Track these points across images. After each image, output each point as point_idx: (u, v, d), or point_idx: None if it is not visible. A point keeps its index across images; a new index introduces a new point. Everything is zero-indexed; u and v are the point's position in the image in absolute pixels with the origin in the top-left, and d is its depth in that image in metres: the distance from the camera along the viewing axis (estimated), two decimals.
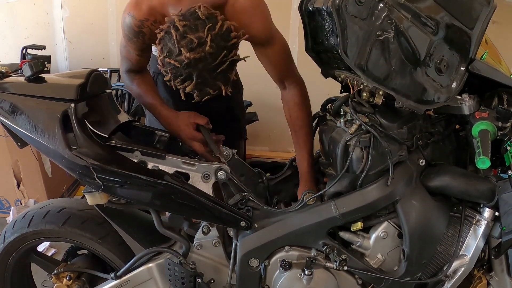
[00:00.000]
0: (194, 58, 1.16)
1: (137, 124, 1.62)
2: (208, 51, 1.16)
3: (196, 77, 1.19)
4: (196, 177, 1.43)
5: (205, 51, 1.16)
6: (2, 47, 3.67)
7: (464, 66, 1.24)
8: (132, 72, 1.56)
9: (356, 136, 1.32)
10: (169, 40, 1.18)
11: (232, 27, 1.22)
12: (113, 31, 3.57)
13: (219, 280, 1.48)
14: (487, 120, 1.23)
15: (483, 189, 1.29)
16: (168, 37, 1.19)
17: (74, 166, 1.30)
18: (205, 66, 1.18)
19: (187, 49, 1.15)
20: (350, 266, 1.37)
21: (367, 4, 1.14)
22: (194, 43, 1.15)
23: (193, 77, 1.19)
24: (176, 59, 1.17)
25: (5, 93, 1.36)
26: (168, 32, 1.19)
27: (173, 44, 1.17)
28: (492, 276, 1.45)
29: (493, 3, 1.22)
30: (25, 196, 2.86)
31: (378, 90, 1.22)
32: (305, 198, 1.39)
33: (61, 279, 1.57)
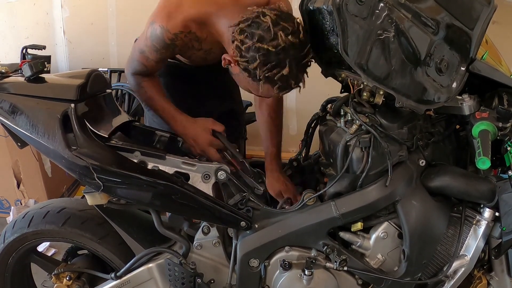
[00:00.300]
0: (290, 43, 1.19)
1: (137, 124, 1.62)
2: (301, 39, 1.21)
3: (289, 63, 1.20)
4: (196, 177, 1.43)
5: (299, 38, 1.20)
6: (2, 47, 3.67)
7: (465, 66, 1.24)
8: (140, 75, 1.54)
9: (356, 136, 1.32)
10: (259, 27, 1.20)
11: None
12: (113, 31, 3.57)
13: (219, 280, 1.48)
14: (487, 121, 1.23)
15: (483, 190, 1.29)
16: (256, 25, 1.20)
17: (74, 166, 1.30)
18: (296, 53, 1.21)
19: (284, 33, 1.18)
20: (350, 266, 1.37)
21: (367, 3, 1.14)
22: (289, 30, 1.19)
23: (285, 64, 1.20)
24: (270, 43, 1.18)
25: (5, 93, 1.36)
26: (255, 21, 1.21)
27: (265, 30, 1.19)
28: (492, 276, 1.45)
29: (494, 4, 1.22)
30: (25, 196, 2.86)
31: (378, 90, 1.22)
32: (305, 199, 1.38)
33: (61, 279, 1.57)
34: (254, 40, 1.19)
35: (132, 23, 3.40)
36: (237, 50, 1.24)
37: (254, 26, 1.21)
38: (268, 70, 1.21)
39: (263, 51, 1.19)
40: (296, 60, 1.22)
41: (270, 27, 1.18)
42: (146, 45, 1.44)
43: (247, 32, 1.21)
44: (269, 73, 1.22)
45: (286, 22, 1.20)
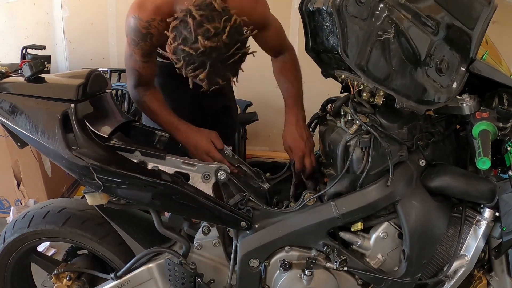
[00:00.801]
0: (210, 47, 1.18)
1: (137, 124, 1.63)
2: (224, 41, 1.19)
3: (209, 65, 1.21)
4: (196, 178, 1.43)
5: (221, 41, 1.18)
6: (2, 47, 3.67)
7: (465, 66, 1.24)
8: (141, 87, 1.54)
9: (356, 137, 1.32)
10: (185, 28, 1.20)
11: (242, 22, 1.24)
12: (113, 31, 3.57)
13: (219, 281, 1.48)
14: (487, 121, 1.23)
15: (483, 190, 1.29)
16: (183, 25, 1.20)
17: (74, 166, 1.30)
18: (218, 56, 1.20)
19: (204, 37, 1.17)
20: (350, 266, 1.37)
21: (367, 4, 1.14)
22: (211, 32, 1.17)
23: (206, 66, 1.21)
24: (192, 46, 1.19)
25: (5, 93, 1.36)
26: (183, 21, 1.20)
27: (189, 32, 1.19)
28: (492, 276, 1.45)
29: (494, 3, 1.22)
30: (25, 196, 2.86)
31: (378, 91, 1.22)
32: (305, 199, 1.38)
33: (61, 279, 1.57)
34: (179, 41, 1.20)
35: None
36: (168, 47, 1.25)
37: (181, 25, 1.21)
38: (191, 70, 1.23)
39: (186, 53, 1.20)
40: (221, 61, 1.21)
41: (191, 30, 1.18)
42: (128, 43, 1.45)
43: (176, 31, 1.22)
44: (193, 73, 1.23)
45: (211, 23, 1.18)
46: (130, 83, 1.55)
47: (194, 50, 1.19)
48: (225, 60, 1.22)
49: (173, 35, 1.22)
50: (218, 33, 1.18)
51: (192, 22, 1.18)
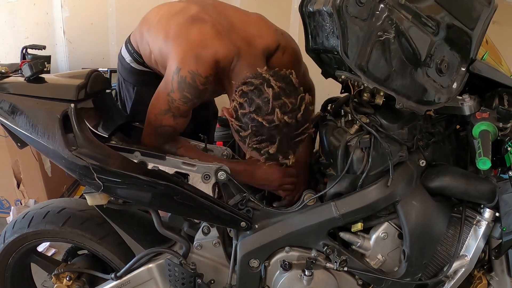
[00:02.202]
0: (285, 122, 1.13)
1: (137, 124, 1.62)
2: (299, 119, 1.15)
3: (278, 141, 1.16)
4: (196, 178, 1.43)
5: (296, 118, 1.15)
6: (2, 47, 3.67)
7: (465, 67, 1.24)
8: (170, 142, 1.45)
9: (356, 137, 1.32)
10: (259, 97, 1.14)
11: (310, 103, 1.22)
12: (113, 31, 3.57)
13: (219, 281, 1.48)
14: (487, 121, 1.22)
15: (483, 190, 1.29)
16: (257, 93, 1.15)
17: (74, 166, 1.30)
18: (289, 132, 1.16)
19: (281, 111, 1.13)
20: (350, 266, 1.37)
21: (367, 4, 1.14)
22: (288, 107, 1.14)
23: (275, 141, 1.16)
24: (265, 118, 1.13)
25: (5, 93, 1.35)
26: (259, 89, 1.15)
27: (265, 102, 1.13)
28: (492, 277, 1.45)
29: (494, 4, 1.22)
30: (25, 196, 2.86)
31: (378, 91, 1.22)
32: (306, 199, 1.38)
33: (61, 279, 1.57)
34: (251, 109, 1.15)
35: (132, 23, 3.38)
36: (234, 111, 1.20)
37: (255, 93, 1.15)
38: (257, 142, 1.18)
39: (257, 123, 1.15)
40: (288, 138, 1.17)
41: (269, 101, 1.13)
42: (173, 99, 1.33)
43: (247, 98, 1.16)
44: (258, 145, 1.18)
45: (288, 98, 1.14)
46: (158, 142, 1.43)
47: (267, 122, 1.13)
48: (293, 138, 1.18)
49: (242, 100, 1.17)
50: (295, 109, 1.15)
51: (271, 92, 1.13)
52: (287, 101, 1.14)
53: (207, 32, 1.31)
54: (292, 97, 1.15)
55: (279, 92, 1.14)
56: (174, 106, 1.36)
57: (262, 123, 1.14)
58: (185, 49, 1.30)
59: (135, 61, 1.61)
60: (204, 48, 1.28)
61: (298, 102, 1.16)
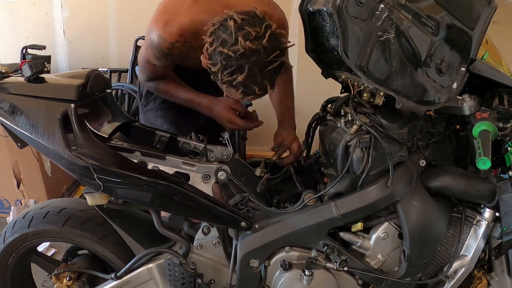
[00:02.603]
0: (250, 49, 1.16)
1: (137, 124, 1.63)
2: (264, 45, 1.17)
3: (248, 69, 1.18)
4: (196, 178, 1.43)
5: (261, 44, 1.17)
6: (2, 47, 3.67)
7: (465, 67, 1.24)
8: (154, 80, 1.58)
9: (356, 137, 1.32)
10: (224, 31, 1.18)
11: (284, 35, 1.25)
12: (113, 31, 3.57)
13: (219, 281, 1.48)
14: (487, 121, 1.23)
15: (483, 190, 1.29)
16: (223, 29, 1.19)
17: (74, 166, 1.30)
18: (257, 60, 1.18)
19: (244, 38, 1.15)
20: (350, 266, 1.37)
21: (367, 5, 1.14)
22: (252, 35, 1.16)
23: (244, 69, 1.17)
24: (231, 48, 1.16)
25: (5, 93, 1.36)
26: (223, 25, 1.19)
27: (229, 34, 1.17)
28: (492, 277, 1.45)
29: (494, 3, 1.22)
30: (25, 196, 2.86)
31: (378, 91, 1.22)
32: (306, 199, 1.38)
33: (61, 279, 1.57)
34: (217, 44, 1.18)
35: (132, 23, 3.40)
36: (205, 52, 1.24)
37: (221, 29, 1.19)
38: (228, 74, 1.20)
39: (224, 55, 1.17)
40: (258, 66, 1.18)
41: (232, 32, 1.16)
42: (148, 54, 1.48)
43: (214, 35, 1.20)
44: (229, 77, 1.20)
45: (252, 27, 1.17)
46: (143, 78, 1.59)
47: (233, 52, 1.16)
48: (264, 66, 1.19)
49: (211, 40, 1.20)
50: (259, 36, 1.17)
51: (233, 24, 1.16)
52: (251, 29, 1.16)
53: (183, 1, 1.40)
54: (256, 26, 1.18)
55: (242, 23, 1.17)
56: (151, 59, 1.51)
57: (228, 54, 1.16)
58: (158, 13, 1.41)
59: None
60: (173, 17, 1.37)
61: (263, 29, 1.17)
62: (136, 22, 3.25)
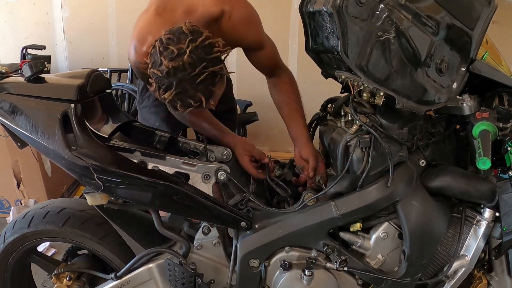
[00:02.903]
0: (173, 67, 1.19)
1: (137, 124, 1.62)
2: (186, 61, 1.18)
3: (175, 86, 1.21)
4: (196, 178, 1.43)
5: (183, 61, 1.18)
6: (2, 47, 3.68)
7: (465, 67, 1.24)
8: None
9: (356, 137, 1.32)
10: (154, 53, 1.22)
11: (217, 44, 1.24)
12: (113, 31, 3.57)
13: (219, 281, 1.48)
14: (487, 121, 1.22)
15: (483, 190, 1.29)
16: (154, 50, 1.23)
17: (74, 166, 1.30)
18: (183, 75, 1.20)
19: (167, 58, 1.19)
20: (350, 266, 1.37)
21: (367, 4, 1.14)
22: (174, 53, 1.19)
23: (172, 86, 1.21)
24: (159, 68, 1.21)
25: (5, 93, 1.36)
26: (154, 46, 1.23)
27: (157, 55, 1.21)
28: (492, 277, 1.45)
29: (494, 3, 1.22)
30: (25, 196, 2.86)
31: (378, 91, 1.22)
32: (306, 199, 1.38)
33: (61, 279, 1.57)
34: (150, 65, 1.24)
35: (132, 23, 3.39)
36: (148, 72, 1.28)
37: (154, 50, 1.24)
38: (162, 92, 1.24)
39: (155, 75, 1.23)
40: (187, 81, 1.21)
41: (157, 53, 1.21)
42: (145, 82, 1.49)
43: (151, 57, 1.25)
44: (164, 95, 1.24)
45: (176, 45, 1.20)
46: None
47: (160, 72, 1.20)
48: (192, 80, 1.21)
49: (148, 60, 1.25)
50: (181, 53, 1.18)
51: (159, 45, 1.21)
52: (174, 48, 1.19)
53: (147, 19, 1.42)
54: (180, 43, 1.20)
55: (167, 42, 1.21)
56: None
57: (157, 74, 1.22)
58: (130, 43, 1.43)
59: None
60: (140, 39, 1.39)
61: (186, 45, 1.19)
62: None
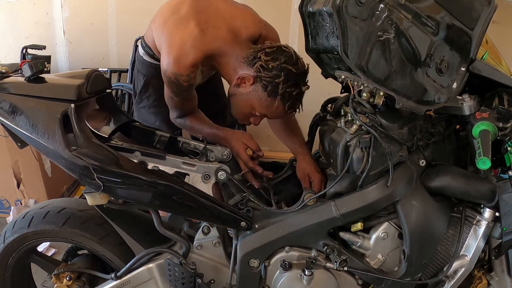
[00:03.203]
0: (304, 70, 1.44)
1: (137, 124, 1.63)
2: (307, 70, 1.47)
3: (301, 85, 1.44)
4: (196, 178, 1.43)
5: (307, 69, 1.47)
6: (2, 47, 3.67)
7: (465, 67, 1.24)
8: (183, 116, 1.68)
9: (356, 137, 1.32)
10: (282, 54, 1.40)
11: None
12: (113, 31, 3.57)
13: (219, 281, 1.48)
14: (487, 121, 1.23)
15: (483, 190, 1.29)
16: (280, 52, 1.41)
17: (74, 166, 1.30)
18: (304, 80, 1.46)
19: (301, 61, 1.43)
20: (350, 266, 1.37)
21: (367, 4, 1.14)
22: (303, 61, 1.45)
23: (300, 85, 1.43)
24: (294, 66, 1.40)
25: (5, 93, 1.36)
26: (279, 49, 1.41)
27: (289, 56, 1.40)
28: (492, 276, 1.45)
29: (494, 3, 1.22)
30: (25, 196, 2.86)
31: (378, 91, 1.22)
32: (305, 199, 1.38)
33: (61, 279, 1.57)
34: (281, 62, 1.39)
35: (132, 23, 3.40)
36: (261, 68, 1.40)
37: (278, 52, 1.41)
38: (288, 86, 1.39)
39: (287, 71, 1.38)
40: (304, 85, 1.44)
41: (293, 55, 1.41)
42: (172, 92, 1.58)
43: (273, 56, 1.39)
44: (288, 89, 1.39)
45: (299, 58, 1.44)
46: (174, 116, 1.69)
47: (295, 69, 1.40)
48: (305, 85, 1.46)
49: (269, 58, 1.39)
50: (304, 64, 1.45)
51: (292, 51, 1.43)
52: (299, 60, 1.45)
53: (190, 33, 1.49)
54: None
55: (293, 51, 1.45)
56: (174, 96, 1.61)
57: (291, 70, 1.40)
58: (168, 54, 1.51)
59: (147, 54, 1.81)
60: (183, 51, 1.48)
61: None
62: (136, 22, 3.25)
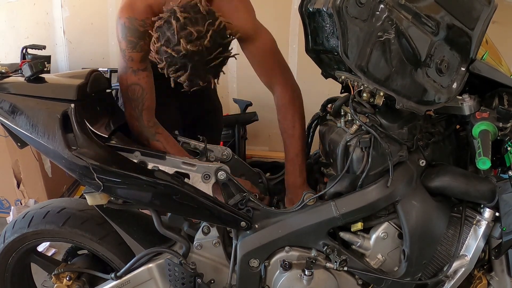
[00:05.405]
0: (192, 51, 1.18)
1: None
2: (206, 46, 1.19)
3: (190, 68, 1.21)
4: (196, 178, 1.43)
5: (203, 45, 1.18)
6: (2, 47, 3.67)
7: (465, 67, 1.24)
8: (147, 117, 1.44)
9: (356, 137, 1.32)
10: (168, 29, 1.20)
11: (227, 25, 1.24)
12: (113, 31, 3.54)
13: (219, 281, 1.48)
14: (487, 121, 1.23)
15: (483, 190, 1.29)
16: (167, 26, 1.20)
17: (74, 166, 1.30)
18: (200, 59, 1.21)
19: (186, 40, 1.17)
20: (350, 266, 1.37)
21: (367, 5, 1.14)
22: (194, 36, 1.18)
23: (187, 68, 1.21)
24: (174, 48, 1.19)
25: (5, 93, 1.36)
26: (168, 22, 1.20)
27: (172, 34, 1.19)
28: (492, 276, 1.45)
29: (494, 3, 1.22)
30: (25, 196, 2.86)
31: (378, 91, 1.22)
32: (306, 199, 1.38)
33: (61, 279, 1.57)
34: (162, 43, 1.21)
35: None
36: (152, 47, 1.26)
37: (165, 26, 1.21)
38: (173, 71, 1.24)
39: (168, 55, 1.21)
40: (202, 64, 1.22)
41: (175, 32, 1.18)
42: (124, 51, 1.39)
43: (159, 32, 1.22)
44: (174, 74, 1.25)
45: (194, 26, 1.18)
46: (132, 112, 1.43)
47: (176, 53, 1.19)
48: (207, 63, 1.22)
49: (157, 35, 1.23)
50: (201, 36, 1.18)
51: (176, 24, 1.18)
52: (193, 30, 1.18)
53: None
54: (199, 25, 1.19)
55: (185, 22, 1.18)
56: (127, 58, 1.40)
57: (171, 54, 1.20)
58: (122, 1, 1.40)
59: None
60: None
61: (205, 28, 1.18)
62: None
